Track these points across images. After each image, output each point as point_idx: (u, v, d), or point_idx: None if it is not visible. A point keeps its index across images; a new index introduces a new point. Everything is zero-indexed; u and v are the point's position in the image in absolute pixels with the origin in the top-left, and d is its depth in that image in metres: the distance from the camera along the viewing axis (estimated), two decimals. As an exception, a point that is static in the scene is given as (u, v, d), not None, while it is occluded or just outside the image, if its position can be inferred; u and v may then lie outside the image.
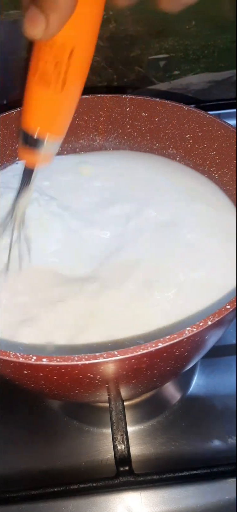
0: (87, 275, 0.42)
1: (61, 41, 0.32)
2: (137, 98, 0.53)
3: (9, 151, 0.53)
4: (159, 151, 0.55)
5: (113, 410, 0.40)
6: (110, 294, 0.40)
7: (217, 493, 0.37)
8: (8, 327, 0.38)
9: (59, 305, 0.39)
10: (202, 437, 0.42)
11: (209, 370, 0.47)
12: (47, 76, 0.34)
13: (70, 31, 0.32)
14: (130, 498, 0.37)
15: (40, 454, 0.42)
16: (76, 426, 0.43)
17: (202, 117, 0.50)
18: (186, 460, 0.41)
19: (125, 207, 0.47)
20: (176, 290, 0.40)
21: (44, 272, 0.42)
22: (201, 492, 0.37)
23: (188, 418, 0.44)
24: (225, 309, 0.31)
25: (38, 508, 0.36)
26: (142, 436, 0.43)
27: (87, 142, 0.56)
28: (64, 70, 0.34)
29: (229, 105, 0.66)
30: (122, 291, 0.40)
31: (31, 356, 0.29)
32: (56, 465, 0.41)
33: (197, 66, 0.65)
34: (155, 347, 0.29)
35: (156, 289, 0.40)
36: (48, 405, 0.45)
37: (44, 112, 0.36)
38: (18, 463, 0.41)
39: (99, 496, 0.37)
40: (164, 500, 0.36)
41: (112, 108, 0.54)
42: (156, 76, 0.65)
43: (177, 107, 0.52)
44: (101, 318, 0.38)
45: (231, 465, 0.38)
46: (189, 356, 0.35)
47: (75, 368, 0.29)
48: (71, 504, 0.36)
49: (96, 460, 0.41)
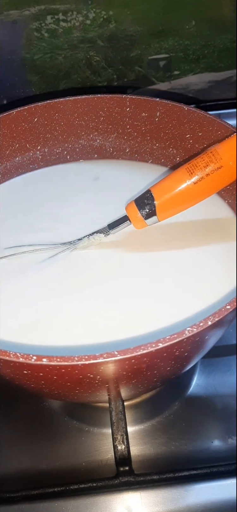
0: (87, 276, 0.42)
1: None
2: (137, 98, 0.53)
3: (9, 151, 0.53)
4: (159, 151, 0.55)
5: (113, 410, 0.40)
6: (110, 294, 0.40)
7: (217, 493, 0.37)
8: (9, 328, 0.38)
9: (59, 305, 0.39)
10: (202, 437, 0.42)
11: (209, 370, 0.47)
12: (194, 168, 0.40)
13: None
14: (130, 498, 0.37)
15: (40, 454, 0.42)
16: (76, 426, 0.43)
17: (202, 117, 0.50)
18: (186, 460, 0.41)
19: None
20: (176, 290, 0.40)
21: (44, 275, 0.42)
22: (201, 492, 0.37)
23: (188, 418, 0.44)
24: (225, 309, 0.31)
25: (38, 508, 0.36)
26: (142, 436, 0.43)
27: (87, 142, 0.56)
28: (207, 173, 0.40)
29: (229, 105, 0.66)
30: (122, 291, 0.40)
31: (31, 356, 0.29)
32: (56, 465, 0.41)
33: (197, 66, 0.65)
34: (155, 347, 0.29)
35: (156, 289, 0.40)
36: (48, 405, 0.45)
37: (174, 199, 0.41)
38: (18, 463, 0.41)
39: (99, 496, 0.37)
40: (164, 500, 0.36)
41: (112, 108, 0.54)
42: (156, 76, 0.65)
43: (177, 107, 0.51)
44: (101, 318, 0.38)
45: (231, 465, 0.38)
46: (189, 356, 0.35)
47: (75, 368, 0.29)
48: (71, 504, 0.36)
49: (96, 460, 0.41)
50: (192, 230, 0.46)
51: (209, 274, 0.41)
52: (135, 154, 0.56)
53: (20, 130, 0.53)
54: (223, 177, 0.41)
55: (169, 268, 0.42)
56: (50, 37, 0.60)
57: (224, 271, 0.41)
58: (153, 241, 0.44)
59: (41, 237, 0.45)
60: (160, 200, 0.41)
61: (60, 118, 0.54)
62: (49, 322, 0.38)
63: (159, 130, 0.54)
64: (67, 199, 0.50)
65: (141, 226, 0.42)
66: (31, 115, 0.53)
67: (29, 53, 0.61)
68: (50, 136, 0.55)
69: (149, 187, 0.42)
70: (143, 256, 0.43)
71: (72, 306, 0.39)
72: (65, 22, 0.59)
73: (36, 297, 0.40)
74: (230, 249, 0.43)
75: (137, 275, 0.41)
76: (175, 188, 0.41)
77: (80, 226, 0.45)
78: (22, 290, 0.41)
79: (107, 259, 0.43)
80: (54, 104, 0.53)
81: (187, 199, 0.41)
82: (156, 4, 0.58)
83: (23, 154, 0.54)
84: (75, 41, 0.61)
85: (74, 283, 0.41)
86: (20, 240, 0.44)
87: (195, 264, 0.42)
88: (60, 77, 0.63)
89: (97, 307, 0.39)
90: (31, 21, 0.58)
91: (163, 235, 0.45)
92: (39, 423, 0.44)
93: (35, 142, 0.55)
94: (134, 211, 0.42)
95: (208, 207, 0.47)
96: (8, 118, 0.52)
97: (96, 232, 0.44)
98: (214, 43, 0.63)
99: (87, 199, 0.50)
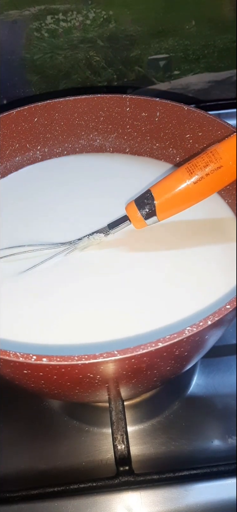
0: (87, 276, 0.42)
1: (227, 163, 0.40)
2: (137, 98, 0.53)
3: (9, 151, 0.53)
4: (159, 151, 0.55)
5: (113, 410, 0.40)
6: (110, 293, 0.40)
7: (217, 493, 0.37)
8: (9, 328, 0.38)
9: (59, 305, 0.39)
10: (202, 437, 0.42)
11: (209, 370, 0.47)
12: (194, 168, 0.40)
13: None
14: (130, 498, 0.37)
15: (40, 454, 0.42)
16: (76, 426, 0.43)
17: (202, 117, 0.50)
18: (186, 460, 0.41)
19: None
20: (176, 290, 0.40)
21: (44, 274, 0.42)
22: (201, 492, 0.37)
23: (188, 418, 0.44)
24: (225, 309, 0.31)
25: (38, 508, 0.36)
26: (142, 436, 0.43)
27: (87, 142, 0.56)
28: (206, 173, 0.40)
29: (229, 105, 0.66)
30: (122, 290, 0.40)
31: (31, 356, 0.29)
32: (56, 465, 0.41)
33: (197, 66, 0.65)
34: (155, 347, 0.29)
35: (156, 288, 0.40)
36: (48, 405, 0.45)
37: (174, 198, 0.41)
38: (18, 463, 0.41)
39: (99, 496, 0.37)
40: (164, 500, 0.36)
41: (112, 108, 0.54)
42: (156, 76, 0.65)
43: (177, 107, 0.51)
44: (101, 318, 0.38)
45: (231, 465, 0.38)
46: (189, 356, 0.35)
47: (75, 368, 0.29)
48: (71, 504, 0.36)
49: (96, 460, 0.41)
50: (192, 230, 0.46)
51: (209, 273, 0.41)
52: (135, 154, 0.56)
53: (20, 130, 0.53)
54: (223, 177, 0.41)
55: (169, 268, 0.42)
56: (50, 37, 0.60)
57: (224, 270, 0.41)
58: (153, 241, 0.44)
59: (41, 237, 0.45)
60: (160, 200, 0.41)
61: (60, 118, 0.54)
62: (49, 322, 0.38)
63: (159, 130, 0.54)
64: (67, 198, 0.50)
65: (141, 226, 0.42)
66: (31, 115, 0.53)
67: (29, 53, 0.61)
68: (50, 136, 0.55)
69: (149, 187, 0.42)
70: (143, 256, 0.43)
71: (72, 305, 0.39)
72: (65, 22, 0.59)
73: (36, 297, 0.40)
74: (230, 249, 0.43)
75: (137, 274, 0.41)
76: (175, 188, 0.41)
77: (80, 225, 0.45)
78: (22, 289, 0.41)
79: (107, 259, 0.43)
80: (54, 104, 0.53)
81: (187, 199, 0.41)
82: (156, 4, 0.58)
83: (23, 154, 0.54)
84: (75, 41, 0.61)
85: (74, 282, 0.41)
86: (20, 240, 0.44)
87: (195, 263, 0.42)
88: (60, 77, 0.63)
89: (97, 307, 0.39)
90: (31, 21, 0.59)
91: (163, 235, 0.45)
92: (39, 423, 0.44)
93: (35, 142, 0.55)
94: (134, 211, 0.42)
95: (208, 207, 0.47)
96: (8, 118, 0.52)
97: (96, 232, 0.44)
98: (214, 43, 0.63)
99: (87, 199, 0.50)
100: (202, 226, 0.46)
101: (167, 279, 0.41)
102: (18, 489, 0.38)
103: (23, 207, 0.49)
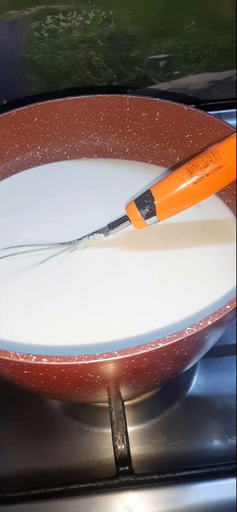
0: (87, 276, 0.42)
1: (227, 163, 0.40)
2: (137, 98, 0.53)
3: (9, 151, 0.53)
4: (159, 151, 0.55)
5: (113, 410, 0.40)
6: (110, 293, 0.40)
7: (217, 493, 0.37)
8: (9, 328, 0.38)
9: (59, 305, 0.39)
10: (202, 437, 0.42)
11: (209, 370, 0.47)
12: (194, 168, 0.40)
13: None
14: (130, 498, 0.37)
15: (40, 454, 0.42)
16: (76, 426, 0.43)
17: (202, 117, 0.50)
18: (186, 460, 0.41)
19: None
20: (176, 290, 0.40)
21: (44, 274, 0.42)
22: (201, 492, 0.37)
23: (188, 418, 0.44)
24: (225, 309, 0.31)
25: (38, 508, 0.36)
26: (142, 436, 0.43)
27: (87, 142, 0.56)
28: (206, 173, 0.40)
29: (229, 105, 0.66)
30: (122, 290, 0.40)
31: (31, 356, 0.29)
32: (56, 465, 0.41)
33: (197, 66, 0.65)
34: (155, 347, 0.29)
35: (156, 288, 0.40)
36: (48, 405, 0.45)
37: (174, 198, 0.41)
38: (18, 463, 0.41)
39: (99, 496, 0.37)
40: (164, 500, 0.36)
41: (112, 108, 0.54)
42: (156, 76, 0.65)
43: (177, 107, 0.51)
44: (101, 318, 0.38)
45: (231, 465, 0.38)
46: (189, 356, 0.35)
47: (75, 368, 0.29)
48: (71, 504, 0.36)
49: (96, 460, 0.41)
50: (192, 230, 0.46)
51: (209, 274, 0.41)
52: (135, 154, 0.56)
53: (20, 130, 0.53)
54: (223, 177, 0.41)
55: (169, 268, 0.42)
56: (50, 37, 0.60)
57: (224, 271, 0.41)
58: (153, 241, 0.44)
59: (41, 236, 0.45)
60: (160, 200, 0.41)
61: (60, 118, 0.54)
62: (49, 322, 0.38)
63: (159, 130, 0.54)
64: (67, 198, 0.50)
65: (141, 226, 0.42)
66: (31, 115, 0.53)
67: (29, 53, 0.61)
68: (50, 136, 0.55)
69: (149, 187, 0.42)
70: (143, 256, 0.43)
71: (72, 305, 0.39)
72: (65, 22, 0.59)
73: (36, 297, 0.40)
74: (230, 249, 0.43)
75: (137, 275, 0.41)
76: (175, 188, 0.41)
77: (80, 226, 0.45)
78: (22, 289, 0.41)
79: (107, 259, 0.43)
80: (54, 104, 0.53)
81: (187, 199, 0.41)
82: (156, 4, 0.58)
83: (23, 154, 0.54)
84: (75, 41, 0.61)
85: (74, 283, 0.41)
86: (20, 240, 0.44)
87: (195, 264, 0.42)
88: (60, 77, 0.63)
89: (97, 307, 0.39)
90: (31, 21, 0.59)
91: (163, 235, 0.45)
92: (39, 423, 0.44)
93: (35, 142, 0.55)
94: (134, 211, 0.42)
95: (208, 207, 0.47)
96: (8, 118, 0.52)
97: (96, 232, 0.44)
98: (214, 43, 0.63)
99: (87, 199, 0.50)
100: (202, 227, 0.46)
101: (167, 279, 0.41)
102: (18, 489, 0.38)
103: (23, 207, 0.49)
